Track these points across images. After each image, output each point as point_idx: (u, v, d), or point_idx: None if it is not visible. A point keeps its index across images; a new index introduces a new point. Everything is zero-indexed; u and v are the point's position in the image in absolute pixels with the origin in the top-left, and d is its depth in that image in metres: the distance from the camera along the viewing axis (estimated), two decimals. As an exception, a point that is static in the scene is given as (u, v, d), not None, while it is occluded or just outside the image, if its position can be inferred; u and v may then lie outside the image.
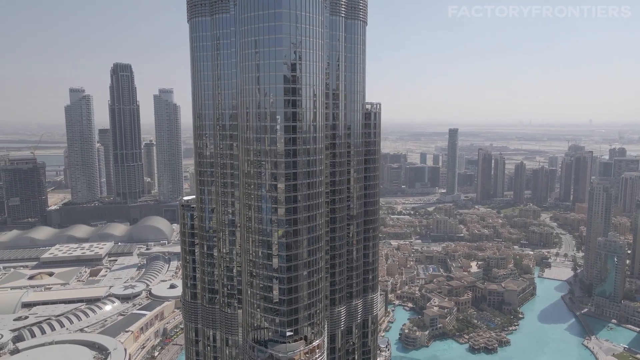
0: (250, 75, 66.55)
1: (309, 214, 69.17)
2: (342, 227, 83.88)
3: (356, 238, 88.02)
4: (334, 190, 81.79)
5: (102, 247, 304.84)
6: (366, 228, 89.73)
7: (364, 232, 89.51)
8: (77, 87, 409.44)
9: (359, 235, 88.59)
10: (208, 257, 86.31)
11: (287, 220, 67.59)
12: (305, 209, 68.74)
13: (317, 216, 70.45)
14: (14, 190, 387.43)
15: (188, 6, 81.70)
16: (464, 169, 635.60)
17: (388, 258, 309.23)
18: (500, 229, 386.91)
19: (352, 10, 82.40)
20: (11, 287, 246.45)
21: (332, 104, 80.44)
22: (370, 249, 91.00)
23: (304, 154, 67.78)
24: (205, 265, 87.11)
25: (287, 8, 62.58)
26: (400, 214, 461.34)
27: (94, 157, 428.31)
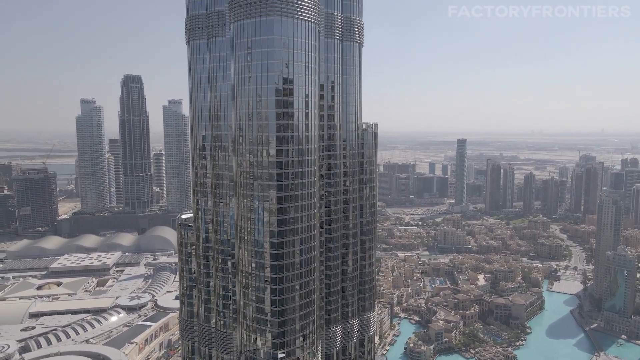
0: (244, 100, 67.63)
1: (301, 225, 69.72)
2: (337, 247, 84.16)
3: (352, 257, 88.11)
4: (329, 210, 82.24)
5: (110, 257, 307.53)
6: (362, 247, 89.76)
7: (360, 251, 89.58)
8: (88, 98, 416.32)
9: (355, 255, 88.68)
10: (205, 276, 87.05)
11: (279, 232, 68.06)
12: (298, 220, 69.37)
13: (310, 227, 70.78)
14: (25, 199, 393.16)
15: (187, 29, 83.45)
16: (473, 179, 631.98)
17: (394, 270, 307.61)
18: (509, 241, 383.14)
19: (348, 33, 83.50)
20: (20, 297, 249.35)
21: (326, 125, 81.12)
22: (366, 267, 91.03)
23: (297, 166, 68.26)
24: (202, 284, 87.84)
25: (279, 34, 63.74)
26: (408, 224, 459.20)
27: (104, 167, 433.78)
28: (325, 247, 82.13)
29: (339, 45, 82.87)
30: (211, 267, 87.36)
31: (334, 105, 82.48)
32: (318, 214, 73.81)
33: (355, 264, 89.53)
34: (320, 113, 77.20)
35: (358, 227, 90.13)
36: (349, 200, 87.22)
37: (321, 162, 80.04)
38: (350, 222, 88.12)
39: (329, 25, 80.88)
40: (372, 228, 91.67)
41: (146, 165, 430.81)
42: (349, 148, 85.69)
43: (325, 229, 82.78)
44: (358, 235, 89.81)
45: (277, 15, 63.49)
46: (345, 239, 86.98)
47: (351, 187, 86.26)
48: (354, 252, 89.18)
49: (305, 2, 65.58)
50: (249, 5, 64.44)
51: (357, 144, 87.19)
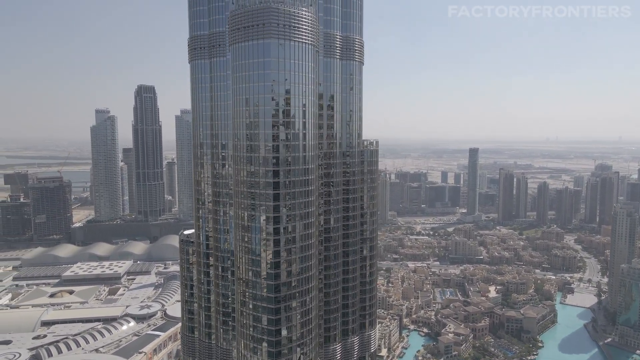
0: (242, 121, 68.62)
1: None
2: (336, 256, 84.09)
3: (352, 271, 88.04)
4: (328, 228, 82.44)
5: (122, 265, 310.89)
6: (362, 261, 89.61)
7: (360, 263, 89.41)
8: (102, 108, 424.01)
9: (355, 265, 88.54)
10: (206, 292, 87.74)
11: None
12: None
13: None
14: (40, 207, 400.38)
15: (189, 49, 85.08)
16: (486, 188, 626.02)
17: (404, 281, 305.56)
18: (522, 252, 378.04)
19: (347, 52, 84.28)
20: (32, 305, 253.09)
21: (326, 141, 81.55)
22: (367, 285, 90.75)
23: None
24: (203, 300, 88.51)
25: (276, 57, 64.66)
26: (419, 234, 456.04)
27: (118, 175, 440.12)
28: (324, 256, 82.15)
29: (338, 64, 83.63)
30: (211, 277, 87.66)
31: (334, 123, 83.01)
32: (316, 224, 73.94)
33: (355, 280, 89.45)
34: (319, 132, 77.60)
35: (358, 239, 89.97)
36: (349, 214, 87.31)
37: (321, 177, 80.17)
38: (350, 235, 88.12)
39: (328, 44, 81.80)
40: (374, 245, 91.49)
41: (158, 174, 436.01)
42: (350, 165, 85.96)
43: (325, 240, 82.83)
44: (358, 252, 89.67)
45: (273, 39, 64.57)
46: (345, 255, 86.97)
47: (351, 204, 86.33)
48: (354, 264, 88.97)
49: (302, 25, 66.63)
50: (246, 29, 65.64)
51: (358, 162, 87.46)
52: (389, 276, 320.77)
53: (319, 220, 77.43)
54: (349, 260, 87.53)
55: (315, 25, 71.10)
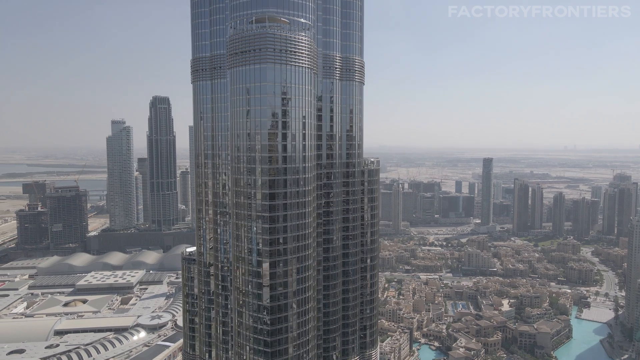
0: (242, 142, 69.52)
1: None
2: (335, 285, 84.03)
3: (352, 294, 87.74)
4: (327, 247, 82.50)
5: (134, 275, 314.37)
6: (364, 283, 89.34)
7: (361, 287, 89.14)
8: (118, 119, 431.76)
9: (355, 292, 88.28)
10: (206, 311, 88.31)
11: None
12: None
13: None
14: (57, 216, 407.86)
15: (192, 70, 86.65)
16: (501, 198, 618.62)
17: (415, 293, 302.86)
18: (536, 264, 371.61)
19: (347, 73, 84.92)
20: (47, 314, 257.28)
21: (326, 163, 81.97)
22: (367, 304, 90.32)
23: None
24: (204, 319, 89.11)
25: (272, 81, 65.53)
26: (432, 245, 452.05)
27: (132, 185, 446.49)
28: (323, 285, 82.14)
29: (338, 85, 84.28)
30: (211, 288, 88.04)
31: (333, 143, 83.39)
32: (313, 235, 74.09)
33: (356, 300, 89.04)
34: (318, 153, 77.97)
35: (359, 258, 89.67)
36: (349, 233, 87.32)
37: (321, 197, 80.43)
38: (350, 254, 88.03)
39: (327, 65, 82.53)
40: (375, 264, 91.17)
41: (172, 184, 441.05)
42: (351, 185, 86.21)
43: (325, 260, 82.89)
44: (359, 272, 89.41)
45: (270, 63, 65.52)
46: (345, 275, 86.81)
47: (351, 224, 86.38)
48: (355, 289, 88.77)
49: (299, 49, 67.53)
50: (243, 54, 66.81)
51: (359, 181, 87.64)
52: (400, 288, 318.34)
53: (316, 233, 77.46)
54: (349, 280, 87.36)
55: (312, 48, 71.95)
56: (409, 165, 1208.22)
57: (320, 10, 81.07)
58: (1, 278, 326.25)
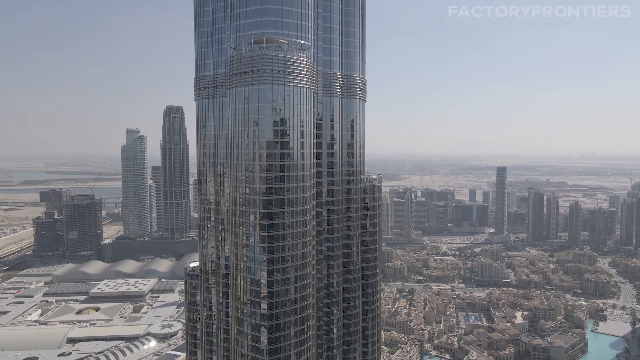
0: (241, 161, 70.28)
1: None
2: (338, 301, 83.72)
3: (354, 311, 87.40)
4: (330, 264, 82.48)
5: (146, 283, 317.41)
6: (365, 300, 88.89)
7: (363, 304, 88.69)
8: (132, 128, 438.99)
9: (357, 309, 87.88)
10: (207, 327, 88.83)
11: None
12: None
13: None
14: (73, 224, 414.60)
15: (195, 88, 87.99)
16: (516, 207, 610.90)
17: (426, 304, 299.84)
18: (551, 275, 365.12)
19: (349, 91, 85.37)
20: (60, 322, 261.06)
21: (327, 180, 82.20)
22: (369, 321, 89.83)
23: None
24: (205, 327, 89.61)
25: (270, 102, 66.16)
26: (444, 254, 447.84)
27: (146, 193, 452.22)
28: (325, 303, 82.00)
29: (339, 102, 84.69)
30: (212, 302, 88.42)
31: (334, 161, 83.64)
32: (312, 244, 74.22)
33: (357, 318, 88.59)
34: (318, 171, 78.28)
35: (361, 280, 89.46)
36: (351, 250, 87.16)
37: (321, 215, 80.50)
38: (352, 271, 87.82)
39: (328, 84, 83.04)
40: (377, 281, 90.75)
41: (185, 192, 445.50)
42: (352, 202, 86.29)
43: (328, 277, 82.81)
44: (361, 288, 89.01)
45: (268, 84, 66.25)
46: (349, 292, 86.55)
47: (353, 240, 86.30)
48: (355, 300, 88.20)
49: (297, 69, 68.18)
50: (243, 74, 67.69)
51: (360, 198, 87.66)
52: (411, 298, 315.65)
53: (315, 241, 77.59)
54: (351, 297, 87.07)
55: (311, 68, 72.57)
56: (423, 173, 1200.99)
57: (321, 29, 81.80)
58: (17, 285, 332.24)
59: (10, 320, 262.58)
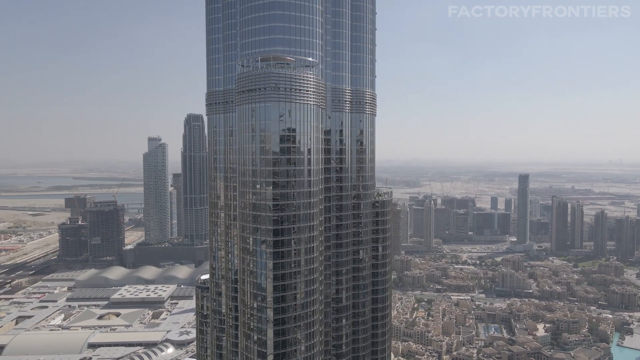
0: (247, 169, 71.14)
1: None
2: (347, 316, 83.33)
3: (362, 326, 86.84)
4: (339, 279, 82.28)
5: (165, 289, 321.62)
6: (374, 315, 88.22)
7: (372, 318, 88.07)
8: (154, 136, 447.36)
9: (366, 324, 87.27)
10: (218, 340, 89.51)
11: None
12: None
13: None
14: (96, 230, 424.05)
15: (206, 104, 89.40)
16: (539, 215, 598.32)
17: (445, 314, 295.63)
18: (575, 287, 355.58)
19: (358, 105, 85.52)
20: (82, 327, 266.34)
21: (335, 195, 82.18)
22: (379, 336, 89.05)
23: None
24: (215, 347, 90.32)
25: (277, 119, 66.88)
26: (464, 263, 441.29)
27: (167, 200, 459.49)
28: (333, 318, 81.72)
29: (348, 117, 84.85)
30: (222, 309, 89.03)
31: (342, 175, 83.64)
32: (320, 249, 74.24)
33: (366, 333, 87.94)
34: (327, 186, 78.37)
35: (370, 289, 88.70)
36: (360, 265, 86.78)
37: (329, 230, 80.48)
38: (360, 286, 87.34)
39: (337, 99, 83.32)
40: (387, 296, 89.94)
41: (205, 199, 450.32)
42: (362, 217, 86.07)
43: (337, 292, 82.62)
44: (370, 305, 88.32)
45: (274, 102, 66.89)
46: (355, 307, 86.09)
47: (362, 256, 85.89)
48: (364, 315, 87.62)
49: (304, 87, 68.64)
50: (250, 92, 68.55)
51: (370, 213, 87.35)
52: (430, 308, 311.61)
53: (323, 246, 77.70)
54: (359, 312, 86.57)
55: (318, 85, 73.03)
56: (444, 179, 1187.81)
57: (330, 45, 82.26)
58: (42, 289, 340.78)
59: (34, 325, 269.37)
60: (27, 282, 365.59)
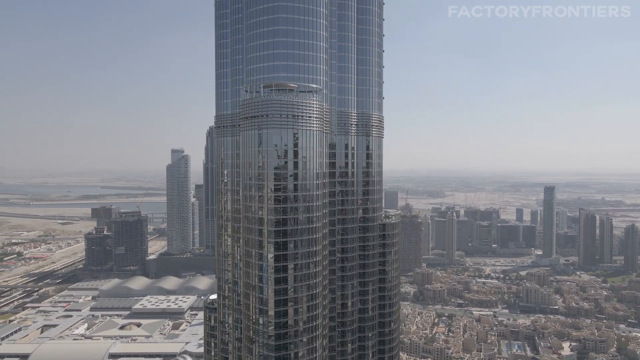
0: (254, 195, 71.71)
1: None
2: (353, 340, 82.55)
3: (370, 350, 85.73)
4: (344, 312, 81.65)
5: (186, 300, 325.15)
6: (382, 340, 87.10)
7: (379, 343, 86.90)
8: (177, 148, 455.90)
9: (375, 347, 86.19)
10: (223, 352, 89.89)
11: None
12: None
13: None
14: (120, 240, 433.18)
15: (215, 127, 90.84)
16: (566, 228, 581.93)
17: (466, 330, 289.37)
18: (604, 303, 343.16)
19: (363, 129, 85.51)
20: (104, 337, 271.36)
21: (340, 218, 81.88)
22: (387, 352, 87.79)
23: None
24: (220, 344, 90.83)
25: (279, 146, 67.51)
26: (487, 277, 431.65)
27: (189, 210, 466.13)
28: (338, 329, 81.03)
29: (354, 140, 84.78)
30: (228, 322, 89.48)
31: (347, 199, 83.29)
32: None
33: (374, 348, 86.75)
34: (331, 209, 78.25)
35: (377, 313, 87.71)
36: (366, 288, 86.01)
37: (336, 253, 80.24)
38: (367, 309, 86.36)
39: (342, 122, 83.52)
40: (395, 311, 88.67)
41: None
42: (368, 240, 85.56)
43: (340, 315, 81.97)
44: (377, 326, 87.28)
45: (276, 128, 67.48)
46: (361, 330, 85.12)
47: (368, 279, 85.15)
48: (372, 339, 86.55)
49: (306, 113, 69.07)
50: (253, 119, 69.41)
51: (377, 235, 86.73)
52: (450, 324, 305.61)
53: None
54: (365, 336, 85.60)
55: (322, 110, 73.42)
56: (468, 189, 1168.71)
57: (336, 69, 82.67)
58: (68, 298, 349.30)
59: (58, 334, 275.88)
60: (54, 290, 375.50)
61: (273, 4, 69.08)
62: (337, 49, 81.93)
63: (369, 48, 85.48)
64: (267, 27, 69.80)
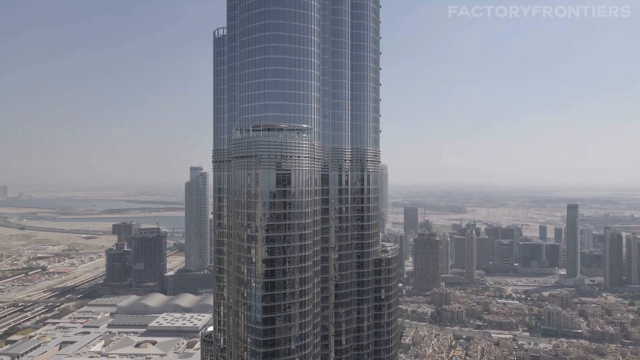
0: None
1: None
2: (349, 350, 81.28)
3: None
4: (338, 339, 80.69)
5: (201, 319, 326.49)
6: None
7: None
8: (196, 166, 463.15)
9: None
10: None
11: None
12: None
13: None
14: (140, 256, 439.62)
15: (212, 160, 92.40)
16: (592, 246, 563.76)
17: (484, 355, 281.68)
18: (630, 328, 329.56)
19: (358, 164, 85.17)
20: (119, 354, 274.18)
21: (337, 255, 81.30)
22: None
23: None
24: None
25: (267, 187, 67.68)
26: (509, 297, 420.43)
27: (207, 227, 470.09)
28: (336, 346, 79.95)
29: (349, 175, 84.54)
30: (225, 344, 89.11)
31: (344, 234, 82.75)
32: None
33: None
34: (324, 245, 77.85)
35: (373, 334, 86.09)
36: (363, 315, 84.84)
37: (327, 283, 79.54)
38: (363, 347, 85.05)
39: (336, 158, 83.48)
40: (392, 346, 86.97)
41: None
42: (364, 275, 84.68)
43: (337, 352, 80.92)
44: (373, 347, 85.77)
45: (264, 169, 67.97)
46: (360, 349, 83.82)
47: (365, 315, 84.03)
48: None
49: (295, 153, 69.40)
50: (243, 159, 70.04)
51: (373, 271, 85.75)
52: (467, 347, 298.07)
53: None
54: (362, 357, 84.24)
55: (312, 149, 73.66)
56: (491, 205, 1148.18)
57: (330, 106, 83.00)
58: (87, 315, 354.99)
59: (75, 351, 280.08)
60: (74, 306, 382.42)
61: (264, 45, 70.16)
62: (330, 86, 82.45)
63: (363, 84, 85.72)
64: (258, 67, 70.83)
